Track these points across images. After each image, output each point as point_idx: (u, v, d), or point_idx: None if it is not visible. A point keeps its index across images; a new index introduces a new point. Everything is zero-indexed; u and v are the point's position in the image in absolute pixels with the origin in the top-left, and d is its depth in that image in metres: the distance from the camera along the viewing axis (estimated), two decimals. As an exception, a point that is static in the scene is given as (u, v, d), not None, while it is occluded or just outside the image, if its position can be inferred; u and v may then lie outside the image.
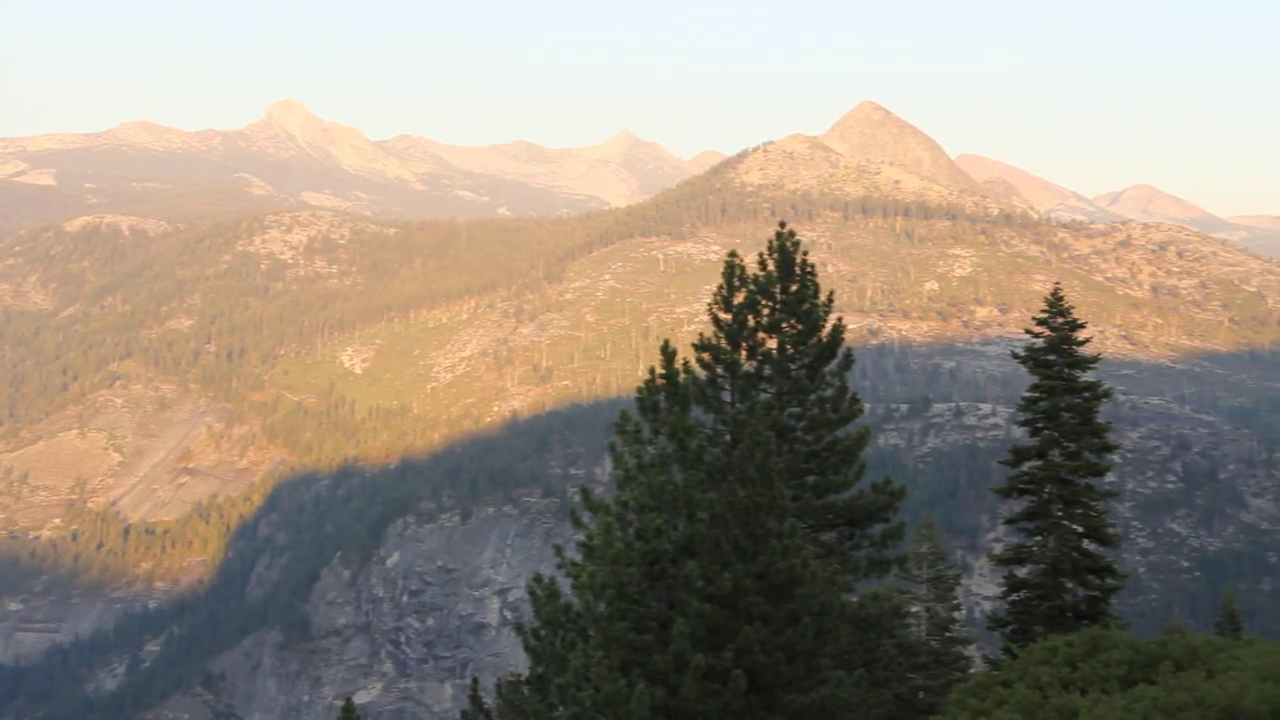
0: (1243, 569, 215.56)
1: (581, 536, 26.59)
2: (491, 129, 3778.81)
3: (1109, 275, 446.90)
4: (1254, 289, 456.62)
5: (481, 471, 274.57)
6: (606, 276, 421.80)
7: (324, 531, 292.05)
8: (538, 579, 27.39)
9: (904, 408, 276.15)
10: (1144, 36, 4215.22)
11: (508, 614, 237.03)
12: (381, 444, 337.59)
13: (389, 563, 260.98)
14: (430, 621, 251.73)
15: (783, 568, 25.66)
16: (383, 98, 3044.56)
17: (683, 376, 26.87)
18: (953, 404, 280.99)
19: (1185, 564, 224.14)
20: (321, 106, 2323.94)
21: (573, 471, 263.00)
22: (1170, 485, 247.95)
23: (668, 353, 26.80)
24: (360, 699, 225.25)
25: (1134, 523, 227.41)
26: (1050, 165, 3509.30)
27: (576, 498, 28.59)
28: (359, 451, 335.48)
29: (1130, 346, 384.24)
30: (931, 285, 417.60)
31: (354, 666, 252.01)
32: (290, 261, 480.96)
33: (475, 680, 34.76)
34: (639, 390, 26.98)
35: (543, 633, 26.84)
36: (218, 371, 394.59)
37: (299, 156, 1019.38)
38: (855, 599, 34.22)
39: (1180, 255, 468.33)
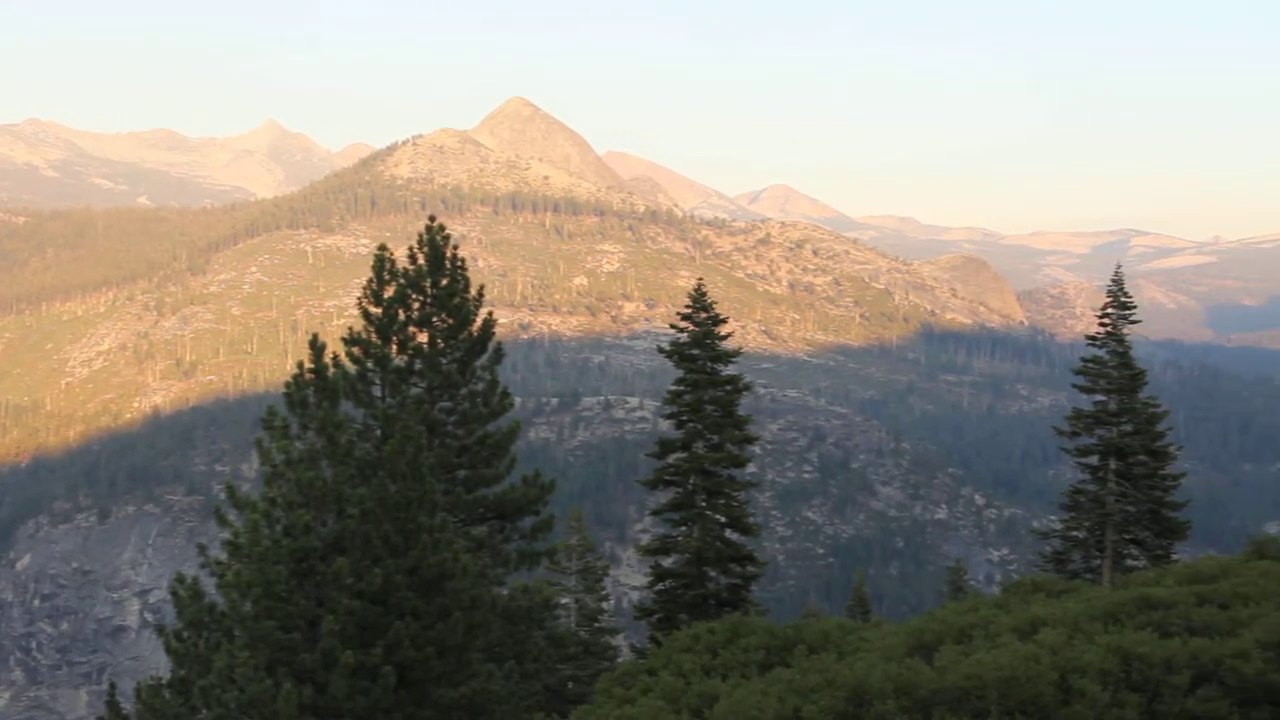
0: (872, 554, 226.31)
1: (227, 534, 25.92)
2: (129, 116, 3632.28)
3: (750, 272, 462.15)
4: (882, 286, 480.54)
5: (121, 470, 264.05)
6: (253, 269, 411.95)
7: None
8: (180, 579, 26.56)
9: (554, 401, 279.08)
10: (774, 43, 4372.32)
11: (148, 616, 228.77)
12: (11, 441, 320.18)
13: (19, 565, 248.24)
14: (64, 626, 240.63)
15: (433, 562, 25.64)
16: (9, 80, 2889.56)
17: (332, 371, 26.49)
18: (602, 398, 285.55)
19: (820, 550, 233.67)
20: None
21: (218, 468, 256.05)
22: (807, 475, 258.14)
23: (316, 347, 26.39)
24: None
25: (774, 511, 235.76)
26: (693, 164, 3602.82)
27: (222, 495, 27.90)
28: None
29: (770, 341, 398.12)
30: (581, 280, 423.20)
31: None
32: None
33: (113, 685, 33.47)
34: (287, 385, 26.46)
35: (185, 634, 26.06)
36: None
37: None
38: (506, 592, 34.40)
39: (815, 253, 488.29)
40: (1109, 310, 48.90)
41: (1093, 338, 49.31)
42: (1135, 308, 49.71)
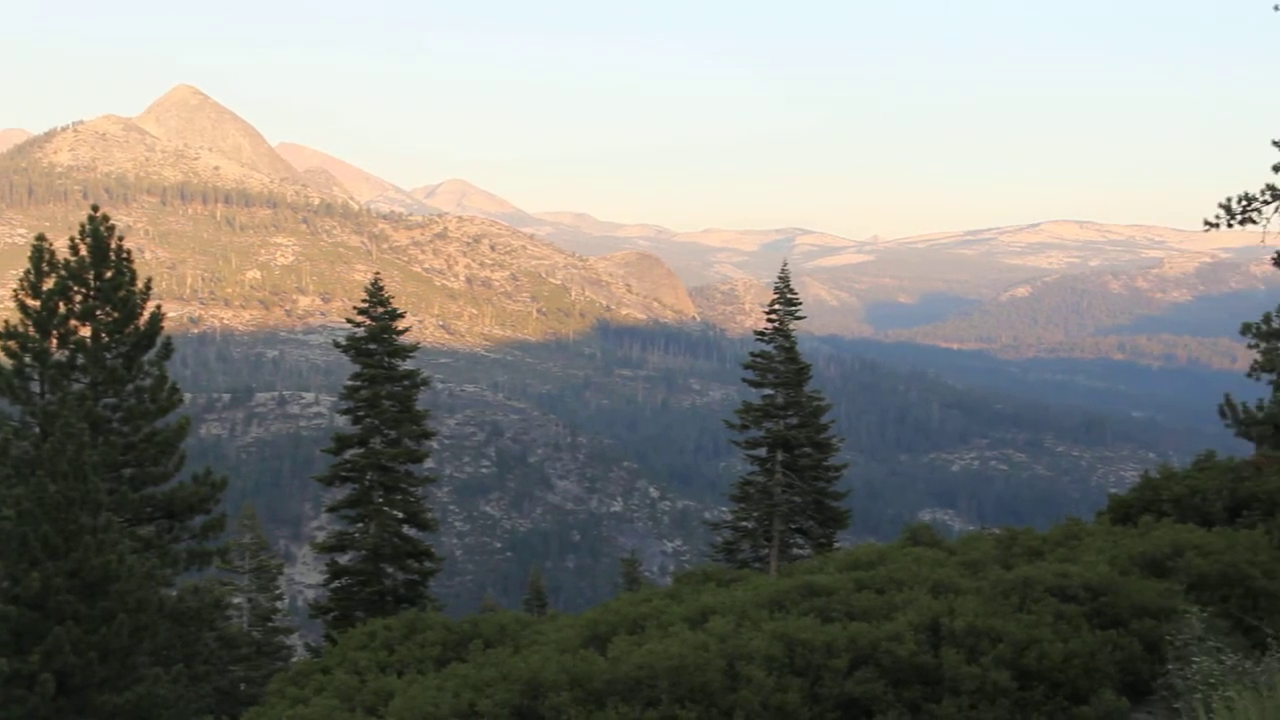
0: (549, 547, 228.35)
1: None
2: None
3: (427, 266, 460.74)
4: (559, 282, 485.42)
5: None
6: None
7: None
8: None
9: (226, 397, 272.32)
10: (448, 39, 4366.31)
11: None
12: None
13: None
14: None
15: (96, 564, 24.79)
16: None
17: (-14, 366, 25.33)
18: (276, 393, 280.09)
19: (498, 545, 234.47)
20: None
21: None
22: (485, 469, 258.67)
23: (-31, 341, 25.18)
24: None
25: (451, 506, 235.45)
26: (369, 157, 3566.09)
27: None
28: None
29: (448, 336, 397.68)
30: (254, 274, 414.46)
31: None
32: None
33: None
34: (-64, 381, 25.19)
35: None
36: None
37: None
38: (174, 593, 33.47)
39: (493, 248, 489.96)
40: (776, 306, 50.55)
41: (761, 333, 50.89)
42: (800, 304, 51.57)
